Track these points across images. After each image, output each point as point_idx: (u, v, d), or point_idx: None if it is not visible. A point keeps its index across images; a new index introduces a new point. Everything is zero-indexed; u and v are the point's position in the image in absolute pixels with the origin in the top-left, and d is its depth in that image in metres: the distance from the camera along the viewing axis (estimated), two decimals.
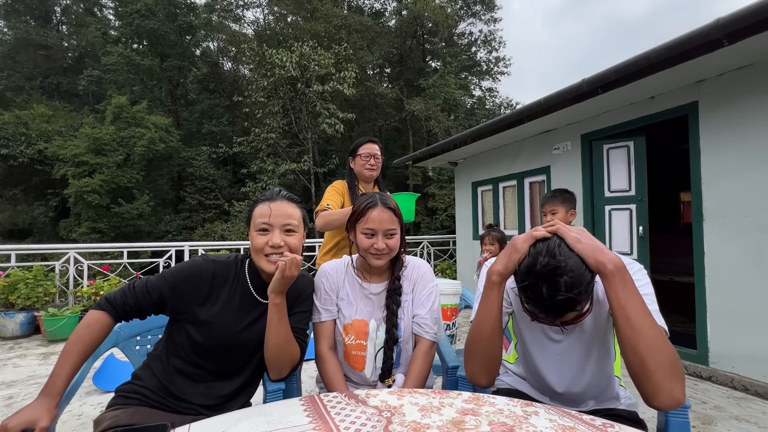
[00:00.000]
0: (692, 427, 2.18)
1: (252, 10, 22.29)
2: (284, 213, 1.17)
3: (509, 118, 4.43)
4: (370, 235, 1.26)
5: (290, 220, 1.18)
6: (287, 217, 1.18)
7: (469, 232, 6.42)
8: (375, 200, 1.29)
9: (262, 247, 1.15)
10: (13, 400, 2.67)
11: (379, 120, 17.59)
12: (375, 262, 1.28)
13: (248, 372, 1.20)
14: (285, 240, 1.16)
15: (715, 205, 3.02)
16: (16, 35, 18.27)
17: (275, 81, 12.40)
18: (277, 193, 1.22)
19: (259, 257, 1.16)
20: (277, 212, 1.16)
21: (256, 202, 1.21)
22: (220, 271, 1.19)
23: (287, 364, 1.17)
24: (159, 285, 1.13)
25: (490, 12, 20.18)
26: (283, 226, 1.16)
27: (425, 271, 1.38)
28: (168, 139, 15.70)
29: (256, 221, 1.17)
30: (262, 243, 1.15)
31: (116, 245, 5.75)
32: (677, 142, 4.51)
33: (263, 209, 1.17)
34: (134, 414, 1.04)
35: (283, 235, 1.17)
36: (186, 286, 1.14)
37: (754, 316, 2.77)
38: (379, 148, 2.30)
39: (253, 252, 1.18)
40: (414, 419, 0.79)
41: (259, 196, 1.24)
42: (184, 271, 1.16)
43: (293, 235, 1.19)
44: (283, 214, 1.17)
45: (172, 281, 1.14)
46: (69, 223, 14.77)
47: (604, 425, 0.78)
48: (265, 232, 1.16)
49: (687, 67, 2.82)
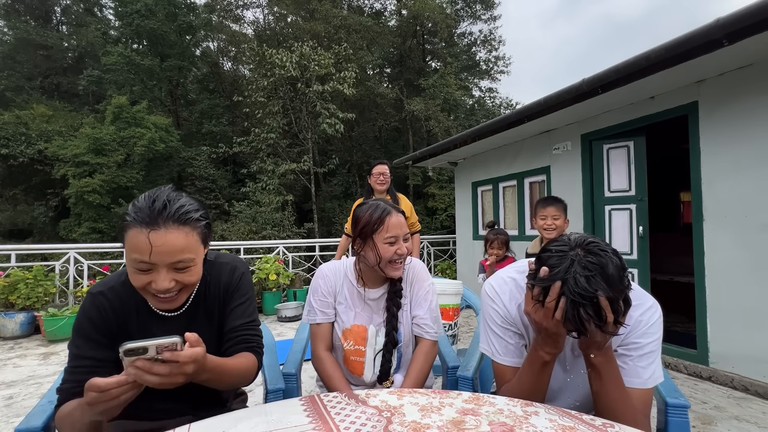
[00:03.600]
0: (692, 427, 2.18)
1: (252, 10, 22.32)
2: (171, 248, 0.82)
3: (509, 118, 4.42)
4: (393, 241, 1.23)
5: (181, 255, 0.83)
6: (175, 252, 0.82)
7: (469, 232, 6.42)
8: (387, 207, 1.26)
9: (143, 288, 0.85)
10: (13, 400, 2.67)
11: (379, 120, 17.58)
12: (396, 273, 1.25)
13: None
14: (177, 279, 0.85)
15: (715, 205, 3.02)
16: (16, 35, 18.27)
17: (275, 81, 12.39)
18: (159, 212, 0.82)
19: (145, 293, 0.87)
20: (161, 249, 0.81)
21: (128, 223, 0.82)
22: (115, 299, 0.94)
23: (247, 381, 1.01)
24: (81, 353, 0.90)
25: (489, 11, 20.19)
26: (171, 264, 0.83)
27: (419, 270, 1.37)
28: (168, 139, 15.70)
29: (131, 255, 0.81)
30: (142, 284, 0.84)
31: (116, 245, 5.73)
32: (677, 142, 4.51)
33: (139, 242, 0.80)
34: (118, 425, 0.99)
35: (173, 273, 0.85)
36: (94, 332, 0.91)
37: (754, 316, 2.76)
38: (387, 167, 3.15)
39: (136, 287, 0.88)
40: (414, 419, 0.79)
41: (132, 210, 0.83)
42: (80, 324, 0.91)
43: (188, 271, 0.86)
44: (170, 250, 0.82)
45: (82, 340, 0.91)
46: (69, 223, 14.77)
47: (604, 425, 0.78)
48: (146, 273, 0.83)
49: (687, 67, 2.81)
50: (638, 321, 0.93)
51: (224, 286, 1.03)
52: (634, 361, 0.92)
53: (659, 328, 0.95)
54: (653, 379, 0.92)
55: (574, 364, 1.03)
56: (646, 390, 0.91)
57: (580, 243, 0.83)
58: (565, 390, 1.06)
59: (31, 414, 1.03)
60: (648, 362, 0.92)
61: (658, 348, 0.94)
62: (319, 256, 6.52)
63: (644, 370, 0.91)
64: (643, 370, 0.91)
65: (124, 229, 0.83)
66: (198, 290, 1.00)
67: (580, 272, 0.78)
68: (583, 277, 0.77)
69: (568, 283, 0.78)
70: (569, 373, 1.04)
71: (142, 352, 0.70)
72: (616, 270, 0.78)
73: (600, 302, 0.76)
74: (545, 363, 0.92)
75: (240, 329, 1.02)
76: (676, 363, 3.21)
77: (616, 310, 0.77)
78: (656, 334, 0.94)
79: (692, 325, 3.23)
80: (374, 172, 3.13)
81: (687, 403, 1.07)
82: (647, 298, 0.97)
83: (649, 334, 0.93)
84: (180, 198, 0.87)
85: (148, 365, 0.70)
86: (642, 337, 0.93)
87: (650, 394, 0.93)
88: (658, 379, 0.93)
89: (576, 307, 0.78)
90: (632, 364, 0.92)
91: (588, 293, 0.76)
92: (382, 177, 3.10)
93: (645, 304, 0.96)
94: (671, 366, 3.23)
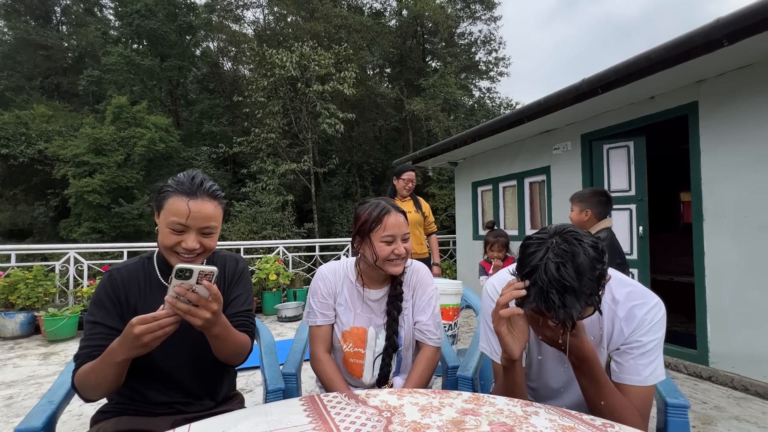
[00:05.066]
0: (692, 427, 2.18)
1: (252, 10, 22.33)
2: (204, 215, 1.00)
3: (509, 118, 4.42)
4: (391, 241, 1.22)
5: (210, 222, 1.02)
6: (207, 219, 1.01)
7: (469, 232, 6.42)
8: (387, 206, 1.25)
9: (173, 246, 1.00)
10: (13, 400, 2.67)
11: (379, 120, 17.59)
12: (395, 269, 1.23)
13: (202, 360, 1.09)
14: (201, 242, 1.02)
15: (715, 205, 3.02)
16: (16, 35, 18.29)
17: (275, 81, 12.40)
18: (198, 186, 1.02)
19: (169, 253, 1.02)
20: (197, 214, 0.99)
21: (169, 192, 1.00)
22: (128, 276, 1.08)
23: (241, 357, 1.11)
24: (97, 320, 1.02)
25: (489, 11, 20.20)
26: (200, 229, 1.01)
27: (424, 274, 1.35)
28: (168, 139, 15.72)
29: (169, 218, 0.98)
30: (173, 242, 1.00)
31: (116, 245, 5.74)
32: (677, 142, 4.51)
33: (180, 207, 0.98)
34: (118, 422, 1.03)
35: (200, 237, 1.01)
36: (109, 302, 1.04)
37: (754, 316, 2.76)
38: (415, 174, 3.32)
39: (161, 247, 1.03)
40: (414, 419, 0.79)
41: (173, 183, 1.02)
42: (98, 296, 1.05)
43: (211, 237, 1.04)
44: (203, 217, 1.00)
45: (97, 309, 1.03)
46: (69, 223, 14.78)
47: (604, 425, 0.78)
48: (179, 234, 1.00)
49: (687, 67, 2.81)
50: (642, 320, 0.93)
51: (230, 272, 1.18)
52: (635, 359, 0.92)
53: (662, 326, 0.95)
54: (654, 377, 0.92)
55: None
56: (645, 387, 0.91)
57: (559, 231, 0.84)
58: (565, 389, 1.06)
59: (31, 414, 1.03)
60: (649, 360, 0.92)
61: (659, 346, 0.94)
62: (319, 256, 6.52)
63: (644, 368, 0.91)
64: (643, 368, 0.91)
65: (164, 198, 1.00)
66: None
67: (552, 259, 0.79)
68: (553, 264, 0.78)
69: (539, 270, 0.79)
70: (569, 373, 1.04)
71: (189, 275, 0.85)
72: (587, 260, 0.79)
73: (567, 288, 0.77)
74: (504, 368, 0.94)
75: (238, 315, 1.14)
76: (676, 363, 3.21)
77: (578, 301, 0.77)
78: (659, 332, 0.94)
79: (692, 325, 3.23)
80: (404, 177, 3.27)
81: (687, 403, 1.07)
82: (651, 296, 0.97)
83: (652, 332, 0.93)
84: (211, 179, 1.07)
85: (184, 290, 0.85)
86: (645, 335, 0.92)
87: (650, 392, 0.93)
88: (659, 377, 0.93)
89: (543, 294, 0.79)
90: (633, 362, 0.92)
91: (555, 280, 0.77)
92: (411, 184, 3.28)
93: (649, 303, 0.95)
94: (671, 366, 3.23)
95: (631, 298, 0.96)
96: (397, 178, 3.30)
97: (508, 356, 0.90)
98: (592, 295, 0.79)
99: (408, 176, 3.27)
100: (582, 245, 0.80)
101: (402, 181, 3.27)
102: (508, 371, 0.94)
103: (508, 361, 0.92)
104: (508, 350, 0.89)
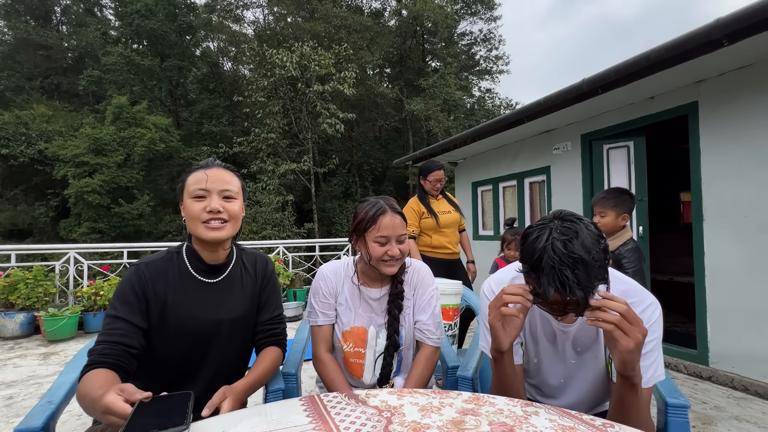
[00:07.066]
0: (692, 427, 2.18)
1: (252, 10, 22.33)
2: (221, 179, 1.11)
3: (509, 118, 4.42)
4: (384, 242, 1.22)
5: (228, 186, 1.11)
6: (225, 182, 1.11)
7: (469, 232, 6.41)
8: (383, 206, 1.24)
9: (198, 214, 1.07)
10: (13, 400, 2.67)
11: (379, 120, 17.60)
12: (389, 270, 1.23)
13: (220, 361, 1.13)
14: (224, 206, 1.09)
15: (715, 205, 3.02)
16: (16, 35, 18.29)
17: (275, 81, 12.40)
18: (212, 162, 1.15)
19: (197, 225, 1.08)
20: (214, 178, 1.10)
21: (189, 172, 1.13)
22: (156, 270, 1.10)
23: (277, 370, 1.20)
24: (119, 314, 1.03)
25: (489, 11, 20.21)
26: (220, 192, 1.10)
27: (425, 274, 1.35)
28: (168, 139, 15.71)
29: (191, 188, 1.08)
30: (198, 209, 1.07)
31: (116, 245, 5.74)
32: (677, 142, 4.51)
33: (198, 176, 1.09)
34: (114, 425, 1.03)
35: (222, 201, 1.10)
36: (134, 297, 1.05)
37: (754, 316, 2.76)
38: (444, 173, 3.07)
39: (189, 222, 1.09)
40: (414, 419, 0.79)
41: (193, 166, 1.16)
42: (122, 290, 1.06)
43: (233, 202, 1.12)
44: (221, 180, 1.10)
45: (120, 303, 1.05)
46: (69, 224, 14.79)
47: (604, 425, 0.78)
48: (201, 199, 1.08)
49: (687, 67, 2.81)
50: None
51: (260, 273, 1.24)
52: None
53: (659, 326, 0.95)
54: (654, 378, 0.92)
55: (574, 363, 1.03)
56: (645, 389, 0.91)
57: (557, 215, 0.89)
58: (565, 388, 1.06)
59: (31, 414, 1.03)
60: (649, 361, 0.91)
61: (658, 346, 0.93)
62: (319, 256, 6.51)
63: (645, 369, 0.90)
64: (643, 369, 0.91)
65: (185, 180, 1.11)
66: (233, 267, 1.20)
67: (558, 237, 0.82)
68: (560, 241, 0.81)
69: (547, 251, 0.81)
70: (570, 372, 1.04)
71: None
72: (590, 234, 0.83)
73: (577, 261, 0.79)
74: (494, 359, 0.97)
75: (270, 323, 1.21)
76: (676, 363, 3.21)
77: (592, 276, 0.79)
78: (656, 332, 0.93)
79: (692, 325, 3.23)
80: (431, 178, 3.03)
81: (687, 403, 1.07)
82: (646, 295, 0.97)
83: (650, 332, 0.92)
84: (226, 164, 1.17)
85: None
86: None
87: (649, 393, 0.93)
88: (659, 378, 0.92)
89: (556, 273, 0.80)
90: None
91: (565, 255, 0.80)
92: (439, 184, 3.05)
93: (644, 302, 0.95)
94: (671, 366, 3.23)
95: (627, 296, 0.95)
96: (424, 179, 3.05)
97: (496, 347, 0.94)
98: (602, 268, 0.82)
99: (434, 176, 3.02)
100: (582, 222, 0.85)
101: (429, 183, 3.03)
102: (497, 362, 0.97)
103: (497, 352, 0.95)
104: (498, 342, 0.93)
